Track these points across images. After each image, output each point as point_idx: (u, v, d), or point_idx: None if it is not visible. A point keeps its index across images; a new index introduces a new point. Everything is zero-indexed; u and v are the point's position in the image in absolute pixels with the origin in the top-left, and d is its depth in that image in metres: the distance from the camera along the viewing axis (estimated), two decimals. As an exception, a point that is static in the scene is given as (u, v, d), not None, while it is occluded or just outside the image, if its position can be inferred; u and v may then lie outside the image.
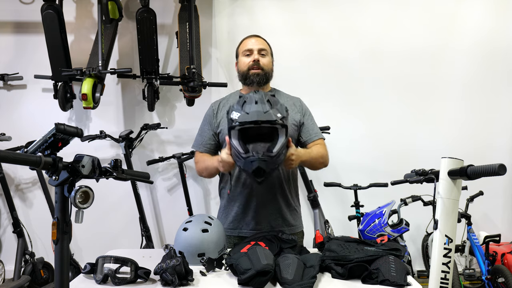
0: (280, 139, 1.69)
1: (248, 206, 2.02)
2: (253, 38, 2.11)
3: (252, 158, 1.67)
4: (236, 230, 2.05)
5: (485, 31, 3.60)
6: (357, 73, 3.64)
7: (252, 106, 1.67)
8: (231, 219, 2.06)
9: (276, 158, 1.69)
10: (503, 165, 1.21)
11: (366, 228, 2.89)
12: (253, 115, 1.65)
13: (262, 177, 1.72)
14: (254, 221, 2.02)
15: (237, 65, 2.13)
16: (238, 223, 2.05)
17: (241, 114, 1.68)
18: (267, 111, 1.66)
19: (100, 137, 3.31)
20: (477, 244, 3.11)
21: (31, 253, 3.31)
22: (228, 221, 2.07)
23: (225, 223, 2.05)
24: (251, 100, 1.70)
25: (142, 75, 3.29)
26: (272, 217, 2.03)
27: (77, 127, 1.15)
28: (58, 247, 1.12)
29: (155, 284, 1.56)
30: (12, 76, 3.58)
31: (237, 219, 2.05)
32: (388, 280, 1.49)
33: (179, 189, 3.63)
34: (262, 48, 2.06)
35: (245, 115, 1.66)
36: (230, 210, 2.07)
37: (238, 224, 2.05)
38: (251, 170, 1.69)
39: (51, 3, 3.13)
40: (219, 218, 2.06)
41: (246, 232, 2.03)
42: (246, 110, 1.67)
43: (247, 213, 2.03)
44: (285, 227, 2.04)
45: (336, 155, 3.63)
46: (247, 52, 2.05)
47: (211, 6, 3.65)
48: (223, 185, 2.13)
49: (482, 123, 3.66)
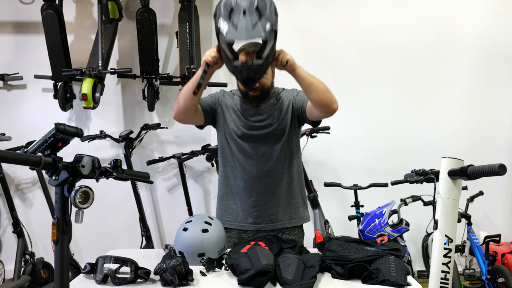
0: (268, 43, 1.65)
1: (248, 197, 2.00)
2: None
3: (241, 68, 1.65)
4: (234, 223, 2.03)
5: (485, 31, 3.60)
6: (357, 73, 3.64)
7: (240, 19, 1.58)
8: (229, 211, 2.04)
9: (264, 63, 1.67)
10: (503, 165, 1.21)
11: (366, 228, 2.89)
12: (241, 33, 1.58)
13: (252, 84, 1.74)
14: (253, 214, 2.00)
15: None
16: (236, 215, 2.02)
17: (229, 26, 1.60)
18: (255, 24, 1.58)
19: (100, 137, 3.31)
20: (477, 244, 3.10)
21: (31, 253, 3.31)
22: (226, 213, 2.05)
23: (223, 216, 2.05)
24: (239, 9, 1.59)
25: (142, 75, 3.29)
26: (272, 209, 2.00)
27: (77, 127, 1.15)
28: (58, 247, 1.12)
29: (155, 284, 1.56)
30: (12, 76, 3.58)
31: (235, 211, 2.03)
32: (388, 280, 1.49)
33: (179, 189, 3.63)
34: None
35: (233, 31, 1.59)
36: (230, 202, 2.05)
37: (236, 216, 2.03)
38: (241, 79, 1.71)
39: (51, 3, 3.13)
40: (217, 210, 2.07)
41: (245, 226, 2.01)
42: (234, 21, 1.59)
43: (247, 204, 2.00)
44: (286, 221, 2.02)
45: (336, 155, 3.66)
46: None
47: (211, 6, 3.65)
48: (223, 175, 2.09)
49: (482, 123, 3.65)
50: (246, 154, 1.98)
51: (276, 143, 1.99)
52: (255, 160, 1.98)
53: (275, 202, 2.00)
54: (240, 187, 2.01)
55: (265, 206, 1.99)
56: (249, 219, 2.01)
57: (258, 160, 1.98)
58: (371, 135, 3.65)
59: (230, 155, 2.02)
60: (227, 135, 2.02)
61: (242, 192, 2.01)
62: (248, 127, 1.98)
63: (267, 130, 1.98)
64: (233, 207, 2.04)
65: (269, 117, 1.99)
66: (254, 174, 1.98)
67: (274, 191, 2.00)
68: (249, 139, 1.98)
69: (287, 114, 2.00)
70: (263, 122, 1.98)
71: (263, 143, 1.98)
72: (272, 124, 1.98)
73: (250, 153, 1.98)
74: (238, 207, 2.03)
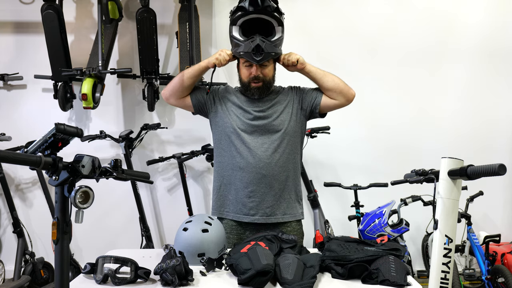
0: (277, 34, 1.96)
1: (244, 188, 2.03)
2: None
3: (252, 39, 1.92)
4: (231, 214, 2.07)
5: (485, 32, 3.60)
6: (357, 73, 3.62)
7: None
8: (226, 202, 2.08)
9: (273, 46, 1.95)
10: (503, 165, 1.21)
11: (366, 228, 2.89)
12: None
13: (261, 56, 1.92)
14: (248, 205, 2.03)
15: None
16: (232, 205, 2.06)
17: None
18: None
19: (100, 137, 3.31)
20: (477, 244, 3.11)
21: (31, 253, 3.31)
22: (223, 204, 2.09)
23: (220, 206, 2.09)
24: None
25: (142, 75, 3.29)
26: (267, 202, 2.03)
27: (77, 127, 1.15)
28: (58, 247, 1.12)
29: (155, 284, 1.56)
30: (12, 76, 3.58)
31: (231, 202, 2.07)
32: (388, 280, 1.49)
33: (179, 189, 3.63)
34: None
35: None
36: (226, 192, 2.08)
37: (232, 207, 2.06)
38: (251, 48, 1.91)
39: (51, 3, 3.13)
40: (213, 201, 2.11)
41: (241, 217, 2.04)
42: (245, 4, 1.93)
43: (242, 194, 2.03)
44: (279, 215, 2.04)
45: (336, 155, 3.66)
46: (247, 64, 2.03)
47: (211, 6, 3.65)
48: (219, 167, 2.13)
49: (482, 123, 3.66)
50: (245, 144, 2.02)
51: (274, 135, 2.03)
52: (253, 151, 2.01)
53: (271, 195, 2.03)
54: (237, 177, 2.04)
55: (261, 198, 2.02)
56: (243, 209, 2.03)
57: (257, 151, 2.01)
58: (371, 135, 3.65)
59: (228, 145, 2.06)
60: (227, 125, 2.06)
61: (238, 183, 2.04)
62: (249, 118, 2.04)
63: (266, 121, 2.03)
64: (229, 198, 2.08)
65: (269, 109, 2.05)
66: (251, 165, 2.01)
67: (270, 184, 2.02)
68: (249, 130, 2.03)
69: (288, 107, 2.07)
70: (263, 113, 2.04)
71: (261, 134, 2.03)
72: (271, 116, 2.04)
73: (248, 143, 2.02)
74: (233, 197, 2.06)
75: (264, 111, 2.05)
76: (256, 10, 1.92)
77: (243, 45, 1.94)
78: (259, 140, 2.02)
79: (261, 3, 1.89)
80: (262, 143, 2.02)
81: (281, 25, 1.96)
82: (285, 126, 2.04)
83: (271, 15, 1.93)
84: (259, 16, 1.94)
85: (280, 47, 2.02)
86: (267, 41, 1.92)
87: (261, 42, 1.90)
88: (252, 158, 2.01)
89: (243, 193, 2.03)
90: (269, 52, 1.94)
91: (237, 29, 1.98)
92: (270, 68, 2.05)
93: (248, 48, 1.93)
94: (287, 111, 2.07)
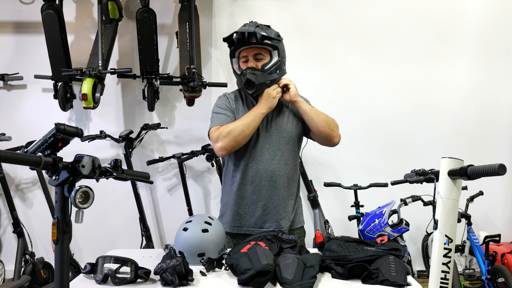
0: (273, 58, 1.96)
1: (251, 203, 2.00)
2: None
3: (244, 73, 1.95)
4: (244, 228, 2.02)
5: (485, 30, 3.60)
6: (357, 73, 3.64)
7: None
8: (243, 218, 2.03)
9: (267, 74, 1.93)
10: (503, 165, 1.21)
11: (366, 228, 2.89)
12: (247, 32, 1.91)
13: (253, 89, 1.92)
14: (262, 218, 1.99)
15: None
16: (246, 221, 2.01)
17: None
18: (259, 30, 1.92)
19: (100, 137, 3.31)
20: (477, 244, 3.11)
21: (31, 253, 3.31)
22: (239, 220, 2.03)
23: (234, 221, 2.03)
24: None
25: (142, 75, 3.29)
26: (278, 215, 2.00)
27: (77, 127, 1.15)
28: (58, 247, 1.12)
29: (155, 284, 1.56)
30: (12, 76, 3.58)
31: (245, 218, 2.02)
32: (388, 280, 1.49)
33: (179, 189, 3.63)
34: (257, 53, 1.99)
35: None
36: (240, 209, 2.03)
37: (246, 222, 2.01)
38: (243, 83, 1.94)
39: (51, 3, 3.13)
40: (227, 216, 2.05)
41: (255, 230, 2.00)
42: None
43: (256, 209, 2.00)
44: (288, 222, 2.02)
45: (336, 155, 3.66)
46: (243, 59, 2.01)
47: (211, 6, 3.65)
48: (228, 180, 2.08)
49: (482, 122, 3.66)
50: (256, 154, 1.98)
51: (281, 143, 2.00)
52: (263, 161, 1.97)
53: (283, 206, 2.00)
54: (249, 191, 1.99)
55: (274, 211, 1.99)
56: (258, 223, 2.00)
57: (265, 161, 1.97)
58: (371, 135, 3.65)
59: (238, 160, 2.01)
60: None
61: (251, 197, 1.99)
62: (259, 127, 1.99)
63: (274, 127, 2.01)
64: (242, 214, 2.02)
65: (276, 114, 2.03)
66: (262, 177, 1.97)
67: (280, 194, 1.99)
68: (259, 139, 1.99)
69: (288, 111, 2.06)
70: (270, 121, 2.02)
71: (270, 142, 1.99)
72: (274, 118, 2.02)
73: (259, 152, 1.98)
74: (247, 213, 2.01)
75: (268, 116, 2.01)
76: (245, 42, 1.93)
77: (239, 79, 2.00)
78: (266, 147, 1.99)
79: (248, 36, 1.89)
80: (269, 150, 1.99)
81: (276, 49, 1.94)
82: (291, 135, 2.02)
83: (262, 44, 1.92)
84: (250, 47, 1.94)
85: (279, 70, 1.97)
86: (258, 72, 1.91)
87: (251, 75, 1.90)
88: (262, 169, 1.97)
89: (258, 208, 2.00)
90: (262, 83, 1.92)
91: (236, 61, 2.03)
92: (266, 61, 1.99)
93: (241, 82, 1.97)
94: (287, 114, 2.04)
